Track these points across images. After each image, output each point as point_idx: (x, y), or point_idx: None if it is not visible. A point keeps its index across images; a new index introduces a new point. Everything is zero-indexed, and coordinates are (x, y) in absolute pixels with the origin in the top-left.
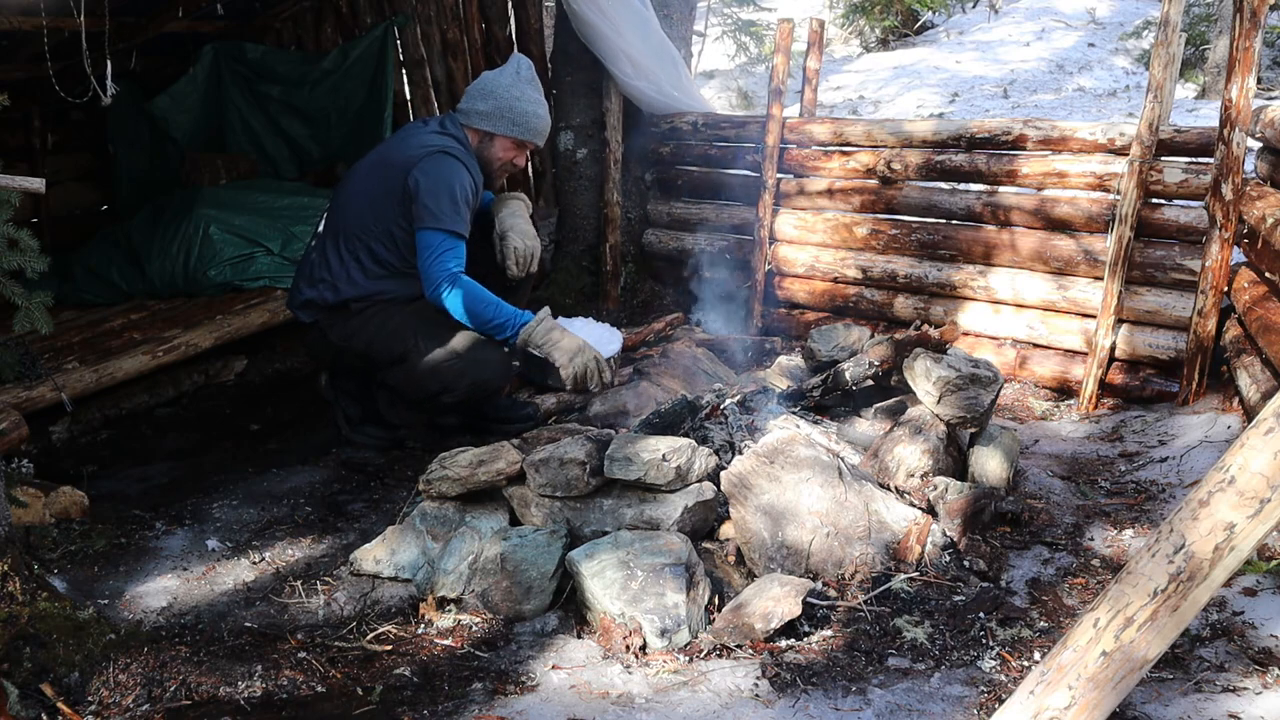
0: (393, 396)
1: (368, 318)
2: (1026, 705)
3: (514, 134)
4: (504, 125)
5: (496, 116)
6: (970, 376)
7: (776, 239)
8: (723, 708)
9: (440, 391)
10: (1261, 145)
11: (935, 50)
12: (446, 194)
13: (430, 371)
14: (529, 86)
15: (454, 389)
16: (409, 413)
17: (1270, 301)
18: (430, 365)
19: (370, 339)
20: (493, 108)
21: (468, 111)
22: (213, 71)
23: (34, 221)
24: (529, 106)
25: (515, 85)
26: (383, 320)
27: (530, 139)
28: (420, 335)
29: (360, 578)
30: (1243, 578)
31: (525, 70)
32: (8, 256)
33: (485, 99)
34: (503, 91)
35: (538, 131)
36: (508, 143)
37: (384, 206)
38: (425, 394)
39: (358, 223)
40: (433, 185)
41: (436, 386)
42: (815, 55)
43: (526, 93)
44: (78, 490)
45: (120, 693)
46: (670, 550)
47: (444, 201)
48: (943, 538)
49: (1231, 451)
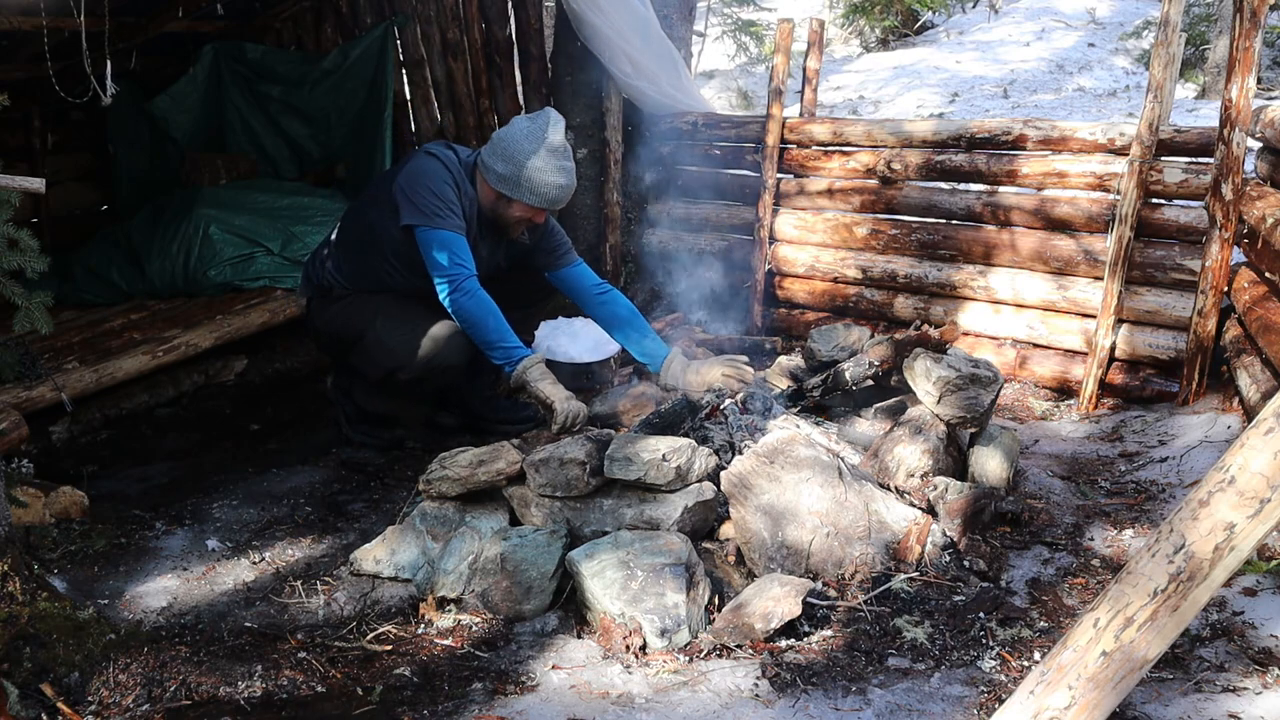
0: (363, 383)
1: (346, 303)
2: (1026, 705)
3: (530, 202)
4: (521, 193)
5: (514, 183)
6: (970, 376)
7: (776, 239)
8: (723, 708)
9: (395, 369)
10: (1261, 145)
11: (935, 50)
12: (426, 189)
13: (384, 349)
14: (556, 155)
15: (408, 366)
16: (380, 399)
17: (1270, 301)
18: (385, 343)
19: (343, 321)
20: (511, 174)
21: (487, 168)
22: (213, 71)
23: (34, 221)
24: (550, 178)
25: (540, 155)
26: (357, 304)
27: (549, 208)
28: (380, 314)
29: (360, 578)
30: (1243, 578)
31: (554, 136)
32: (8, 256)
33: (505, 161)
34: (525, 159)
35: (558, 201)
36: (523, 207)
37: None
38: (381, 371)
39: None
40: (412, 182)
41: (390, 363)
42: (815, 55)
43: (550, 163)
44: (78, 490)
45: (120, 693)
46: (670, 550)
47: (426, 195)
48: (943, 538)
49: (1231, 451)
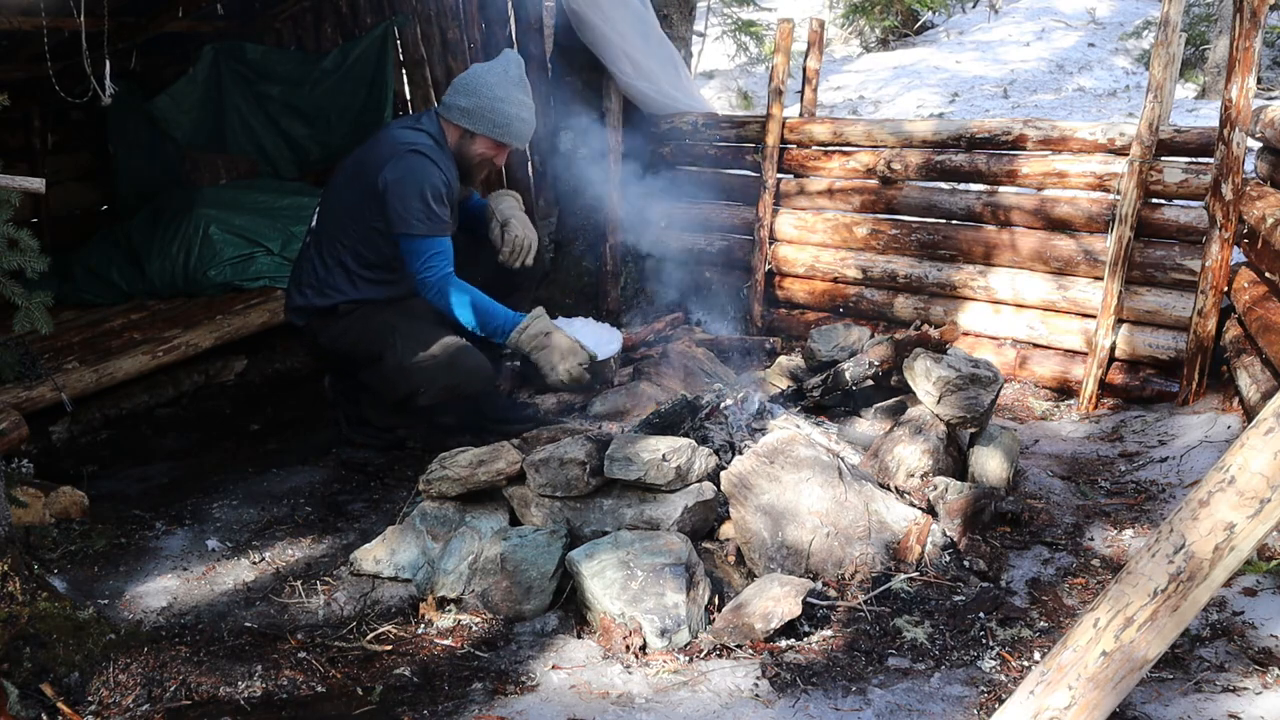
0: (373, 398)
1: (353, 320)
2: (1026, 705)
3: (494, 135)
4: (484, 125)
5: (477, 115)
6: (970, 376)
7: (776, 239)
8: (723, 708)
9: (412, 393)
10: (1261, 145)
11: (935, 50)
12: (416, 196)
13: (404, 372)
14: (516, 88)
15: (427, 391)
16: (391, 416)
17: (1270, 301)
18: (404, 366)
19: (353, 340)
20: (474, 105)
21: (449, 106)
22: (213, 71)
23: (34, 221)
24: (512, 109)
25: (501, 85)
26: (366, 321)
27: (511, 142)
28: (398, 335)
29: (360, 578)
30: (1243, 578)
31: (514, 69)
32: (8, 256)
33: (468, 95)
34: (487, 90)
35: (519, 135)
36: (488, 142)
37: (361, 209)
38: (398, 395)
39: (338, 226)
40: (402, 189)
41: (408, 388)
42: (815, 55)
43: (512, 94)
44: (78, 490)
45: (120, 693)
46: (670, 550)
47: (415, 204)
48: (943, 538)
49: (1231, 451)
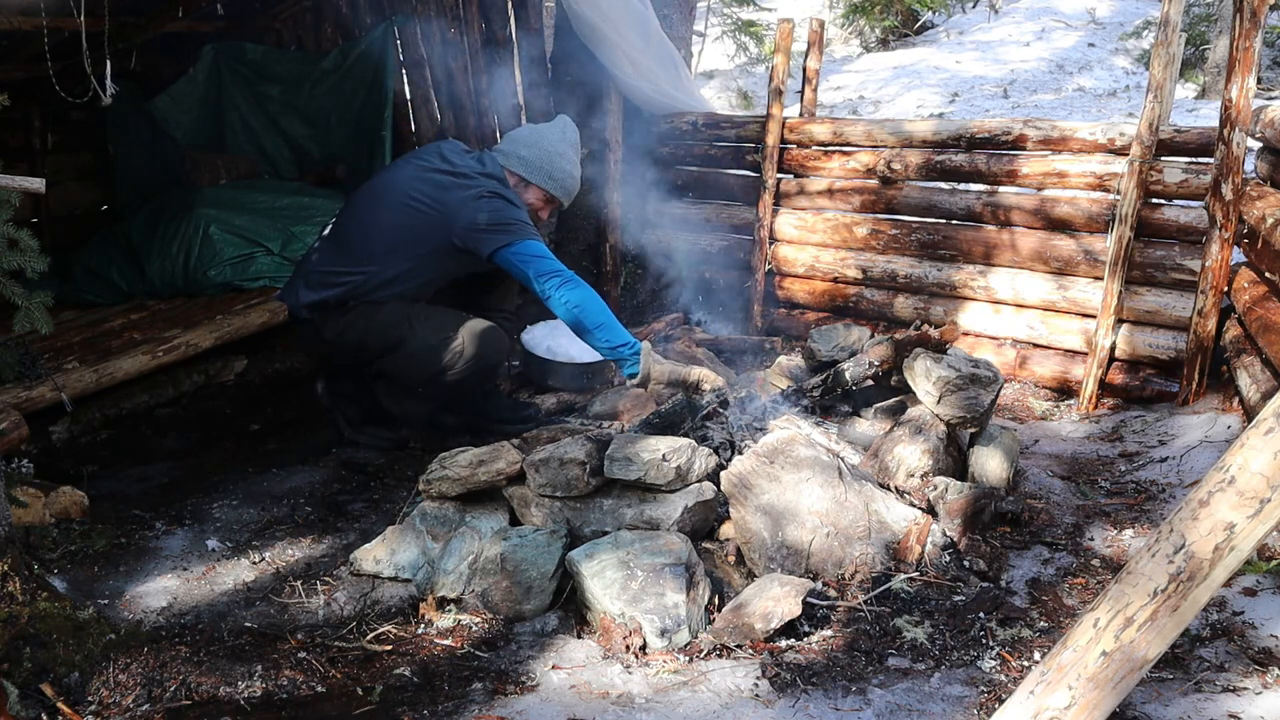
0: (391, 387)
1: (359, 313)
2: (1026, 705)
3: (548, 188)
4: (541, 177)
5: (536, 167)
6: (970, 376)
7: (776, 239)
8: (723, 708)
9: (441, 371)
10: (1261, 145)
11: (935, 50)
12: (511, 215)
13: (429, 351)
14: (572, 149)
15: (454, 366)
16: (410, 401)
17: (1270, 301)
18: (428, 345)
19: (364, 330)
20: (535, 157)
21: (509, 154)
22: (213, 71)
23: (34, 221)
24: (568, 168)
25: (560, 143)
26: (375, 312)
27: (561, 197)
28: (414, 319)
29: (360, 578)
30: (1243, 578)
31: (571, 134)
32: (8, 256)
33: (529, 147)
34: (548, 145)
35: (569, 192)
36: (541, 193)
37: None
38: (426, 375)
39: (381, 246)
40: (499, 215)
41: (437, 366)
42: (815, 55)
43: (568, 153)
44: (78, 490)
45: (120, 693)
46: (670, 550)
47: (513, 219)
48: (943, 538)
49: (1231, 451)
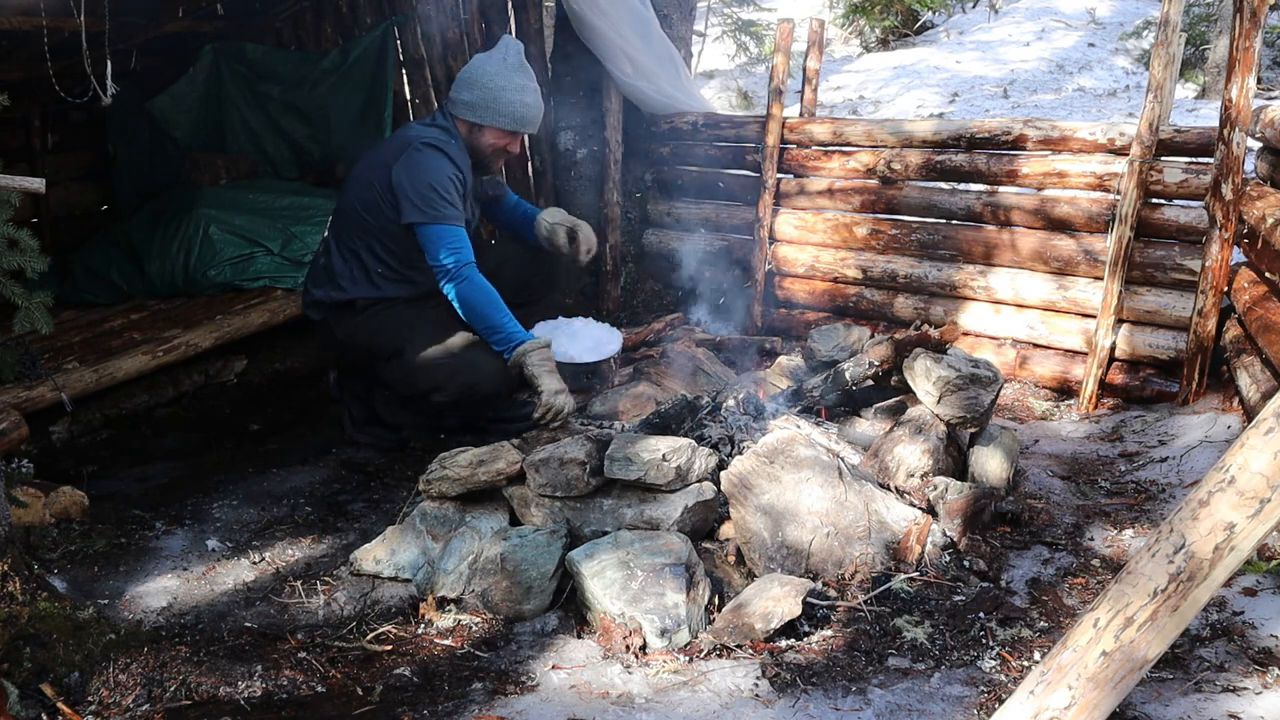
0: (389, 395)
1: (370, 315)
2: (1026, 705)
3: (501, 125)
4: (489, 116)
5: (482, 107)
6: (970, 376)
7: (776, 239)
8: (723, 708)
9: (431, 390)
10: (1261, 145)
11: (935, 50)
12: (427, 185)
13: (422, 369)
14: (516, 73)
15: (444, 389)
16: (404, 412)
17: (1270, 301)
18: (423, 363)
19: (371, 334)
20: (478, 98)
21: (454, 101)
22: (213, 71)
23: (34, 221)
24: (515, 95)
25: (501, 73)
26: (385, 317)
27: (519, 129)
28: (417, 332)
29: (360, 578)
30: (1243, 578)
31: (513, 55)
32: (8, 256)
33: (470, 88)
34: (488, 80)
35: (526, 120)
36: (497, 132)
37: (377, 205)
38: (416, 391)
39: (356, 223)
40: (413, 179)
41: (427, 384)
42: (815, 55)
43: (513, 80)
44: (78, 490)
45: (120, 693)
46: (670, 550)
47: (426, 192)
48: (943, 538)
49: (1231, 451)
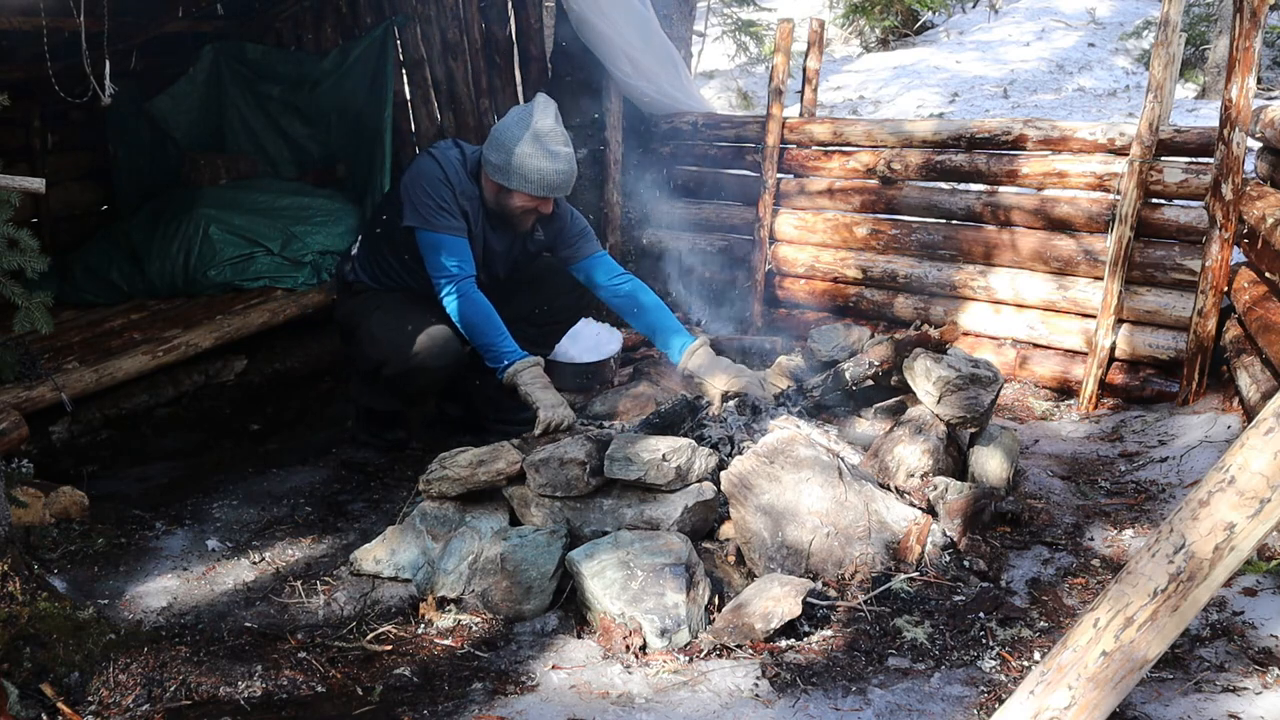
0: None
1: (361, 298)
2: (1026, 705)
3: (526, 190)
4: (516, 181)
5: (508, 172)
6: (970, 376)
7: (776, 239)
8: (723, 708)
9: (381, 362)
10: (1261, 145)
11: (935, 50)
12: (421, 189)
13: (373, 341)
14: (546, 139)
15: (392, 362)
16: (367, 392)
17: (1270, 301)
18: (375, 335)
19: (350, 311)
20: (503, 162)
21: (485, 161)
22: (213, 71)
23: (34, 221)
24: (544, 163)
25: (529, 139)
26: (367, 296)
27: (546, 194)
28: (380, 309)
29: (360, 578)
30: (1243, 578)
31: (540, 121)
32: (8, 256)
33: (497, 151)
34: (514, 146)
35: (553, 186)
36: (522, 196)
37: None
38: (368, 364)
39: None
40: (411, 183)
41: (378, 356)
42: (815, 55)
43: (537, 149)
44: (78, 490)
45: (120, 693)
46: (670, 550)
47: (421, 197)
48: (943, 538)
49: (1231, 451)
